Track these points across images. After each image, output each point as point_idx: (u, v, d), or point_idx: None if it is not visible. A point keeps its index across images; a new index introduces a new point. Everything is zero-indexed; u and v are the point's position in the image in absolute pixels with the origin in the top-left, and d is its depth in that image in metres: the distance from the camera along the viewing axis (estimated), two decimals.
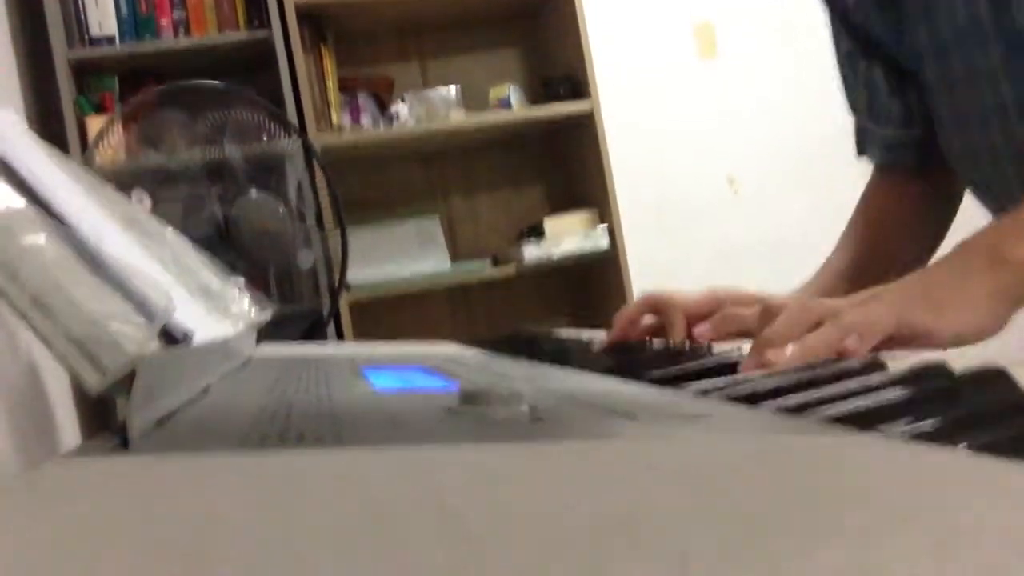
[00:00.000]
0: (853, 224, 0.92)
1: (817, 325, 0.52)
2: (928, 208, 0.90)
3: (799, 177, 2.81)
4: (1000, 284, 0.57)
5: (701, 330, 0.66)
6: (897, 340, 0.53)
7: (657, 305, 0.72)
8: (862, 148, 0.92)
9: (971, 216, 0.83)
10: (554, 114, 2.32)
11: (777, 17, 2.83)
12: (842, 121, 0.93)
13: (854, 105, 0.90)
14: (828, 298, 0.57)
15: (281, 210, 1.41)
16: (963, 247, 0.60)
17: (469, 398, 0.34)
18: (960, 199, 0.89)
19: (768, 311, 0.55)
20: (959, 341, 0.56)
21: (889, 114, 0.86)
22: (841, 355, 0.49)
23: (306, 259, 1.47)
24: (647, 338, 0.71)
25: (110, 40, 2.11)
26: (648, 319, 0.72)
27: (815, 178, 2.75)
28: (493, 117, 2.33)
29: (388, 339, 1.16)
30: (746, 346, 0.55)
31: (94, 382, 0.30)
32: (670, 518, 0.17)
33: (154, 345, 0.36)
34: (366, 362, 0.64)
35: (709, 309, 0.70)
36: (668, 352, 0.62)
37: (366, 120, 2.33)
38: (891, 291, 0.56)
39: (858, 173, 0.95)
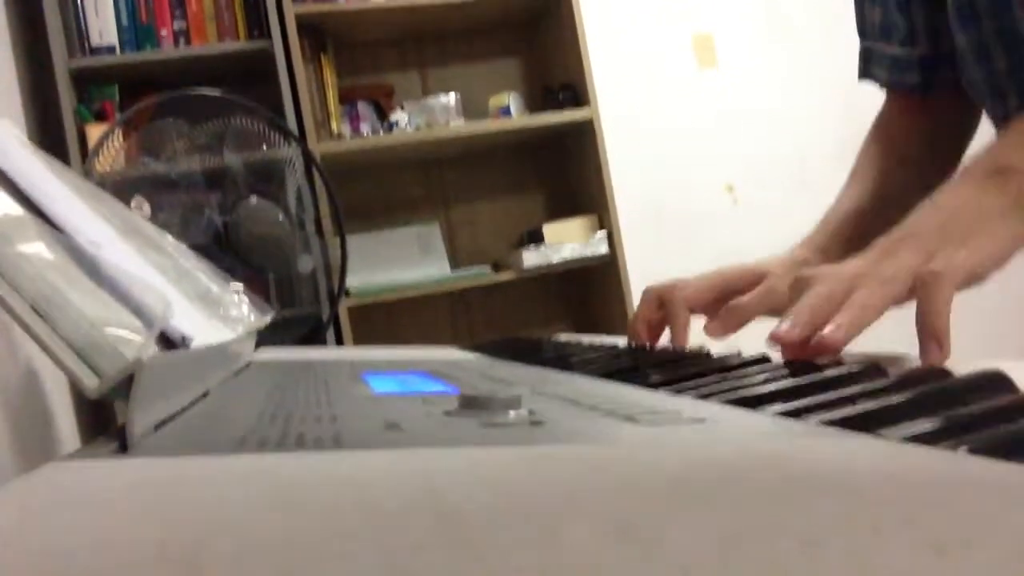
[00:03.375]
0: (865, 153, 0.89)
1: (849, 292, 0.49)
2: (943, 126, 0.88)
3: (797, 185, 2.81)
4: (1010, 198, 0.54)
5: (710, 328, 0.67)
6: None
7: (662, 299, 0.72)
8: (865, 70, 0.90)
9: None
10: (554, 122, 2.32)
11: (777, 27, 2.83)
12: (840, 130, 0.93)
13: (863, 25, 0.89)
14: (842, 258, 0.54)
15: (281, 216, 1.41)
16: (965, 172, 0.57)
17: (469, 402, 0.34)
18: (975, 123, 0.86)
19: (800, 284, 0.52)
20: (984, 272, 0.53)
21: (898, 29, 0.84)
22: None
23: (305, 265, 1.48)
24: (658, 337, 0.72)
25: (110, 49, 2.12)
26: (657, 314, 0.73)
27: (813, 186, 2.75)
28: (493, 125, 2.33)
29: (388, 345, 1.16)
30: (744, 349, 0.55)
31: (92, 387, 0.30)
32: (670, 522, 0.17)
33: (152, 350, 0.37)
34: (366, 367, 0.63)
35: (714, 298, 0.70)
36: (669, 355, 0.62)
37: (366, 128, 2.33)
38: (911, 235, 0.53)
39: None
